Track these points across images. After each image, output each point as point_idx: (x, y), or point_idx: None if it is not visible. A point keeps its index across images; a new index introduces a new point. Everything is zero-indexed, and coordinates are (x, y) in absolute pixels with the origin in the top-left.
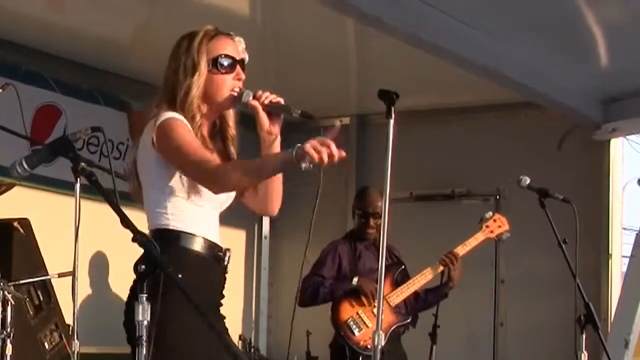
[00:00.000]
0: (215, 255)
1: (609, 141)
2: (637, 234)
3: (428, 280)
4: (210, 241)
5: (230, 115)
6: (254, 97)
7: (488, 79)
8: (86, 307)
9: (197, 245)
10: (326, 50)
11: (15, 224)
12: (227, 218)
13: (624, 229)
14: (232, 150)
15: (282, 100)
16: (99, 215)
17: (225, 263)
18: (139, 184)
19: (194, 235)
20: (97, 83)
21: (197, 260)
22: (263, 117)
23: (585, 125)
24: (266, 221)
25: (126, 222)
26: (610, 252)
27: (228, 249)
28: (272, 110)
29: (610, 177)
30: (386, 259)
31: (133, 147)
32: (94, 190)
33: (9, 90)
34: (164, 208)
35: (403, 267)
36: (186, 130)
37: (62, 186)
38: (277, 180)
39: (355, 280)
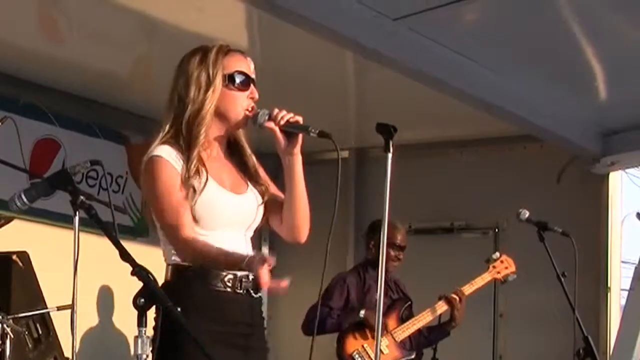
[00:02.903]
0: (233, 286)
1: (607, 174)
2: (635, 267)
3: (434, 318)
4: (226, 272)
5: (242, 134)
6: (270, 118)
7: (487, 112)
8: (86, 340)
9: (209, 279)
10: (325, 83)
11: (14, 257)
12: None
13: (623, 262)
14: (253, 162)
15: (300, 119)
16: (98, 248)
17: (245, 291)
18: (151, 220)
19: (204, 268)
20: (96, 116)
21: (209, 294)
22: (280, 138)
23: (584, 158)
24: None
25: (125, 256)
26: (609, 285)
27: (247, 275)
28: (289, 130)
29: (609, 210)
30: (394, 293)
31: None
32: (93, 224)
33: (7, 123)
34: None
35: (409, 303)
36: (169, 174)
37: (61, 219)
38: (304, 210)
39: (362, 312)
